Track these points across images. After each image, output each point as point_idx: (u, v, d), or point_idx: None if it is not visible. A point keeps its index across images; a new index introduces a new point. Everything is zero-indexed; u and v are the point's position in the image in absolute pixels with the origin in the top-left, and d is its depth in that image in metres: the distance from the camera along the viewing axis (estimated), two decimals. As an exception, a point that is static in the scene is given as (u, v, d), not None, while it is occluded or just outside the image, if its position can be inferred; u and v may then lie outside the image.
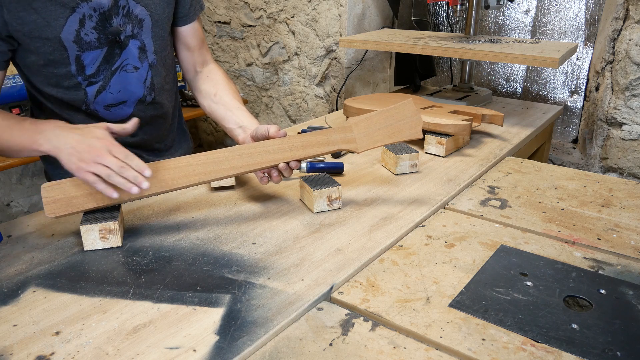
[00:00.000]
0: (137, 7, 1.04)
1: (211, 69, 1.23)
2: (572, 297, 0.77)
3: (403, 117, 1.01)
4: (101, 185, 0.85)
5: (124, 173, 0.84)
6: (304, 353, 0.66)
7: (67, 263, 0.86)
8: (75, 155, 0.86)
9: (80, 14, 0.97)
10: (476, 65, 2.22)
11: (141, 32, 1.07)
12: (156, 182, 0.91)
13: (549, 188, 1.15)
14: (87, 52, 1.02)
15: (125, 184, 0.85)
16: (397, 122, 1.01)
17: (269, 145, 0.96)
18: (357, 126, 1.00)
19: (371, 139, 1.00)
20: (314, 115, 2.55)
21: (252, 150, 0.96)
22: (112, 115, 1.11)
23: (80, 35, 0.99)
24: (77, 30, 0.98)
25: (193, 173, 0.93)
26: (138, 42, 1.07)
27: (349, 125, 1.00)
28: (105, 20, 1.01)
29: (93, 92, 1.07)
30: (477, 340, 0.68)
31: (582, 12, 2.00)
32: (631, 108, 1.75)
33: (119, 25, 1.03)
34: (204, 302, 0.75)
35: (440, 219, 1.01)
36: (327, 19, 2.32)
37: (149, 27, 1.07)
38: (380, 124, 1.00)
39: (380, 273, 0.83)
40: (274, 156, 0.96)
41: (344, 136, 0.99)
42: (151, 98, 1.15)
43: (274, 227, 0.97)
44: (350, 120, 1.01)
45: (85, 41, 1.00)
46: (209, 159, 0.94)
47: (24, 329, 0.70)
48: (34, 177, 2.57)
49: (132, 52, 1.07)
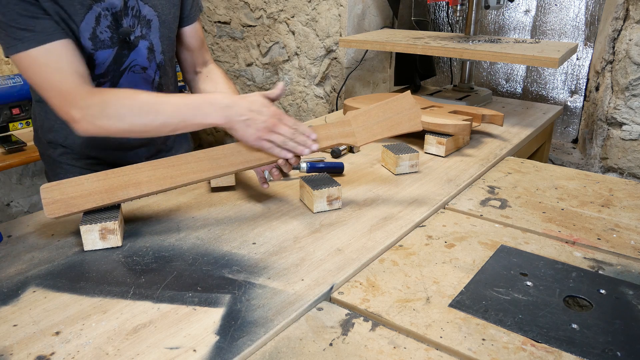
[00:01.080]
0: (145, 8, 1.05)
1: (211, 69, 1.23)
2: (572, 297, 0.77)
3: (402, 109, 1.01)
4: (276, 149, 0.95)
5: (296, 138, 0.95)
6: (304, 353, 0.66)
7: (67, 263, 0.86)
8: (252, 126, 0.93)
9: (96, 12, 0.98)
10: (476, 65, 2.22)
11: (149, 33, 1.08)
12: (155, 180, 0.92)
13: (549, 188, 1.15)
14: (100, 51, 1.02)
15: (296, 147, 0.95)
16: (395, 115, 1.01)
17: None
18: (355, 120, 1.00)
19: (370, 132, 1.00)
20: (314, 115, 2.55)
21: (250, 147, 0.96)
22: None
23: (96, 32, 1.00)
24: (94, 28, 0.99)
25: (192, 171, 0.93)
26: (147, 43, 1.08)
27: (348, 120, 1.00)
28: (117, 20, 1.02)
29: None
30: (477, 340, 0.68)
31: (582, 12, 2.00)
32: (631, 108, 1.75)
33: (130, 25, 1.03)
34: (204, 302, 0.75)
35: (440, 219, 1.01)
36: (327, 19, 2.32)
37: (156, 28, 1.08)
38: (378, 117, 1.01)
39: (380, 273, 0.83)
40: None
41: (343, 130, 1.00)
42: None
43: (274, 227, 0.97)
44: (348, 114, 1.01)
45: (100, 39, 1.01)
46: (207, 156, 0.94)
47: (24, 329, 0.70)
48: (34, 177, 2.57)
49: (142, 52, 1.08)
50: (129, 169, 0.91)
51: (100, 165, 1.20)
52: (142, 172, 0.91)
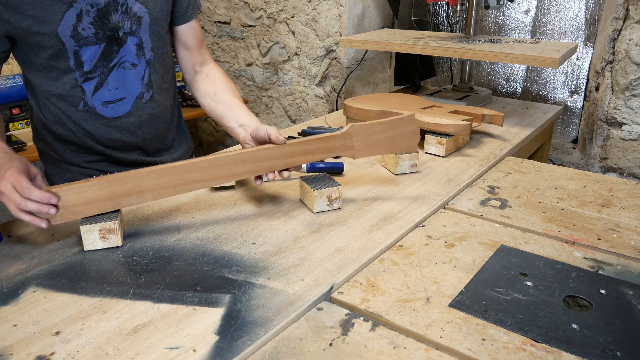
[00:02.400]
0: (136, 5, 1.05)
1: (210, 68, 1.23)
2: (572, 297, 0.77)
3: (403, 129, 1.04)
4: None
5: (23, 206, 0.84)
6: (304, 353, 0.66)
7: (67, 263, 0.86)
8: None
9: (77, 9, 0.99)
10: (476, 65, 2.22)
11: (139, 30, 1.08)
12: (158, 189, 0.92)
13: (549, 188, 1.15)
14: (85, 48, 1.03)
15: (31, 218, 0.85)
16: (396, 135, 1.04)
17: (271, 152, 0.97)
18: (357, 134, 1.02)
19: (369, 148, 1.04)
20: (314, 115, 2.55)
21: (254, 157, 0.96)
22: (111, 112, 1.12)
23: (77, 30, 1.00)
24: (74, 25, 0.99)
25: (194, 179, 0.94)
26: (136, 39, 1.08)
27: (350, 133, 1.01)
28: (103, 16, 1.02)
29: (91, 89, 1.08)
30: (477, 340, 0.68)
31: (582, 12, 2.00)
32: (631, 108, 1.75)
33: (118, 21, 1.04)
34: (204, 302, 0.75)
35: (440, 219, 1.01)
36: (327, 19, 2.32)
37: (147, 25, 1.08)
38: (380, 134, 1.03)
39: (380, 273, 0.83)
40: (275, 162, 0.98)
41: (344, 143, 1.02)
42: (149, 95, 1.15)
43: (274, 227, 0.97)
44: (351, 126, 1.01)
45: (82, 36, 1.01)
46: (210, 164, 0.94)
47: (24, 329, 0.70)
48: (34, 177, 2.57)
49: (130, 49, 1.08)
50: (131, 176, 0.91)
51: (100, 163, 1.20)
52: (146, 180, 0.91)
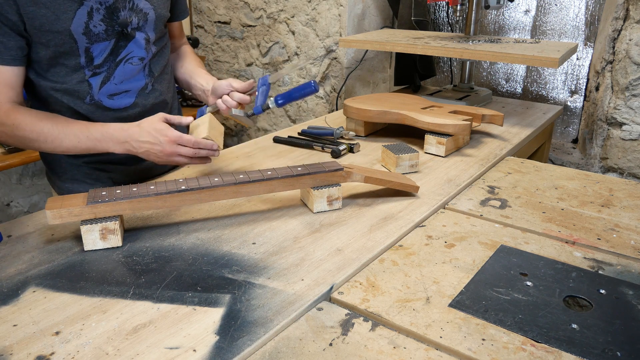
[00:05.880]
0: (142, 2, 1.10)
1: (182, 48, 1.37)
2: (572, 297, 0.77)
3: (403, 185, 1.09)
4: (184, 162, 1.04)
5: (199, 154, 1.04)
6: (304, 353, 0.66)
7: (67, 263, 0.86)
8: (151, 156, 1.03)
9: (88, 7, 1.02)
10: (476, 65, 2.22)
11: (145, 25, 1.13)
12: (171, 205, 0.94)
13: (549, 188, 1.15)
14: (96, 44, 1.06)
15: (202, 160, 1.06)
16: (394, 180, 1.09)
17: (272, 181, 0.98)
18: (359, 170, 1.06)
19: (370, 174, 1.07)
20: (314, 115, 2.55)
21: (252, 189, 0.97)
22: (115, 103, 1.14)
23: (89, 27, 1.04)
24: (86, 23, 1.03)
25: (213, 197, 0.95)
26: (143, 34, 1.13)
27: (351, 171, 1.04)
28: (112, 13, 1.06)
29: (98, 83, 1.11)
30: (477, 340, 0.68)
31: (582, 12, 2.00)
32: (631, 108, 1.75)
33: (126, 17, 1.08)
34: (204, 302, 0.75)
35: (440, 219, 1.01)
36: (327, 19, 2.32)
37: (152, 20, 1.14)
38: (378, 174, 1.09)
39: (380, 273, 0.83)
40: (272, 186, 0.98)
41: (345, 172, 1.03)
42: (152, 86, 1.20)
43: (274, 227, 0.97)
44: (355, 167, 1.06)
45: (94, 33, 1.05)
46: (209, 197, 0.95)
47: (24, 329, 0.70)
48: (34, 177, 2.57)
49: (140, 43, 1.13)
50: (152, 199, 0.91)
51: (101, 163, 1.20)
52: (165, 202, 0.92)
